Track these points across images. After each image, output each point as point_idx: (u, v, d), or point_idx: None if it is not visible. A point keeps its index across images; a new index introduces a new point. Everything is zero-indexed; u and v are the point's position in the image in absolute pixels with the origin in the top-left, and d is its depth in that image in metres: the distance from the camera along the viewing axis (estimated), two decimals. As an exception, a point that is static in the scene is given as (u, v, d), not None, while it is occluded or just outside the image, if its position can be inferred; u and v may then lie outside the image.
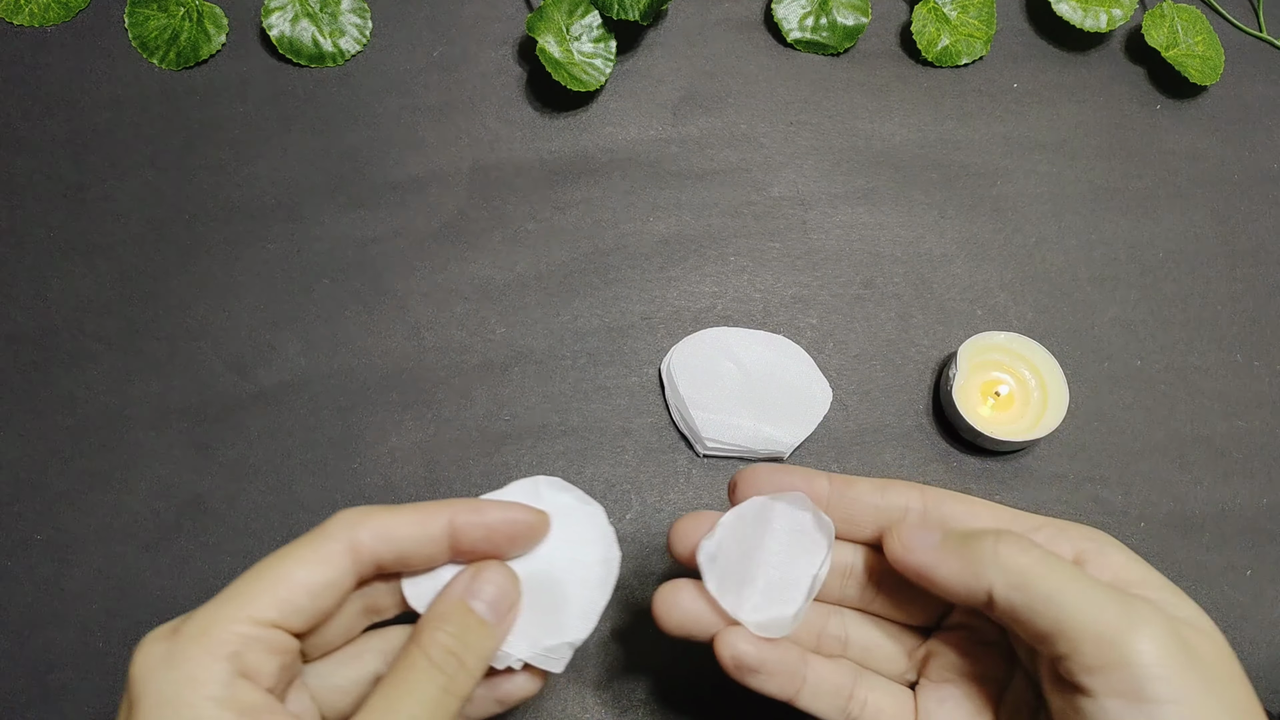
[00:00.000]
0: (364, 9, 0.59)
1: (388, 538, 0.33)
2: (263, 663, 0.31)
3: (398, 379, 0.52)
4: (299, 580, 0.32)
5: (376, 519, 0.34)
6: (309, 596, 0.32)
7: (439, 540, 0.34)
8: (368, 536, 0.33)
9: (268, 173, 0.56)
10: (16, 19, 0.58)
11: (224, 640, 0.30)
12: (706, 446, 0.50)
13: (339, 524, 0.33)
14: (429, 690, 0.32)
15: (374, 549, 0.33)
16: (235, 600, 0.31)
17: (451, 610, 0.33)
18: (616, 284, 0.54)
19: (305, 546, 0.33)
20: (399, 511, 0.34)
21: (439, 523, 0.34)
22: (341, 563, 0.33)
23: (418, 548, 0.34)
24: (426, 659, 0.32)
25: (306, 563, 0.32)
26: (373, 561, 0.33)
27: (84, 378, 0.51)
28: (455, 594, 0.34)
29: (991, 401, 0.51)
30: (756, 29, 0.61)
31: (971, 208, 0.57)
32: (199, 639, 0.30)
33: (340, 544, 0.33)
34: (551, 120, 0.58)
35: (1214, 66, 0.60)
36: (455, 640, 0.33)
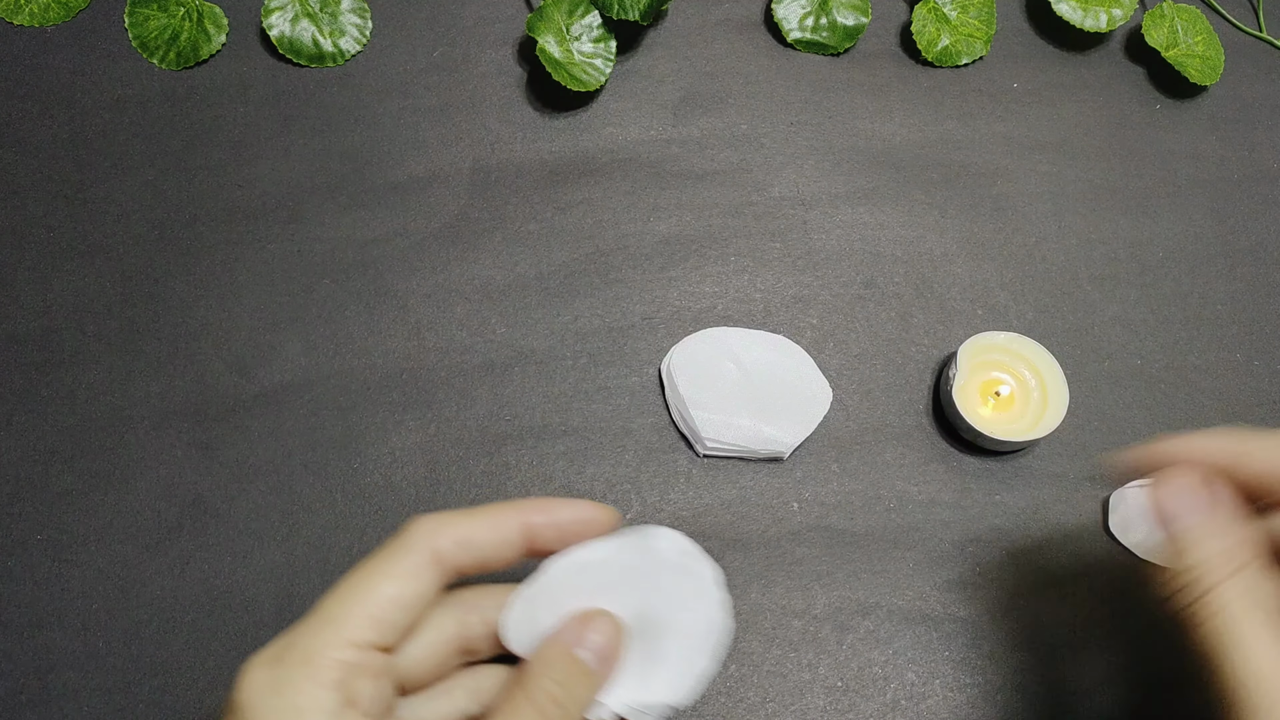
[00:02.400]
0: (364, 9, 0.59)
1: (467, 544, 0.34)
2: (364, 689, 0.31)
3: (398, 379, 0.52)
4: (389, 596, 0.32)
5: (454, 526, 0.34)
6: (401, 611, 0.32)
7: (514, 543, 0.35)
8: (448, 544, 0.33)
9: (268, 173, 0.56)
10: (16, 19, 0.58)
11: (328, 667, 0.30)
12: (706, 446, 0.50)
13: (418, 534, 0.33)
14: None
15: (455, 556, 0.33)
16: (332, 623, 0.31)
17: (558, 657, 0.34)
18: (617, 284, 0.54)
19: (389, 560, 0.33)
20: (473, 516, 0.34)
21: (513, 525, 0.35)
22: (426, 573, 0.33)
23: (495, 551, 0.34)
24: (531, 704, 0.32)
25: (393, 577, 0.32)
26: (454, 568, 0.34)
27: (84, 378, 0.51)
28: (563, 641, 0.34)
29: (991, 401, 0.51)
30: (756, 29, 0.61)
31: (972, 207, 0.57)
32: (304, 667, 0.30)
33: (423, 555, 0.33)
34: (552, 120, 0.58)
35: (1214, 66, 0.60)
36: (560, 688, 0.33)
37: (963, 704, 0.47)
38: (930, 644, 0.48)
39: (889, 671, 0.47)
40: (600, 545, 0.36)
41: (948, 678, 0.47)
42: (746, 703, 0.47)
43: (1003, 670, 0.48)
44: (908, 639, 0.48)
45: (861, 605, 0.48)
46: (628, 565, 0.36)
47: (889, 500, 0.51)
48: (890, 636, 0.48)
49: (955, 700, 0.47)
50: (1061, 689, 0.47)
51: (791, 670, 0.47)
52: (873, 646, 0.48)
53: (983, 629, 0.48)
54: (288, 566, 0.48)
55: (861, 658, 0.48)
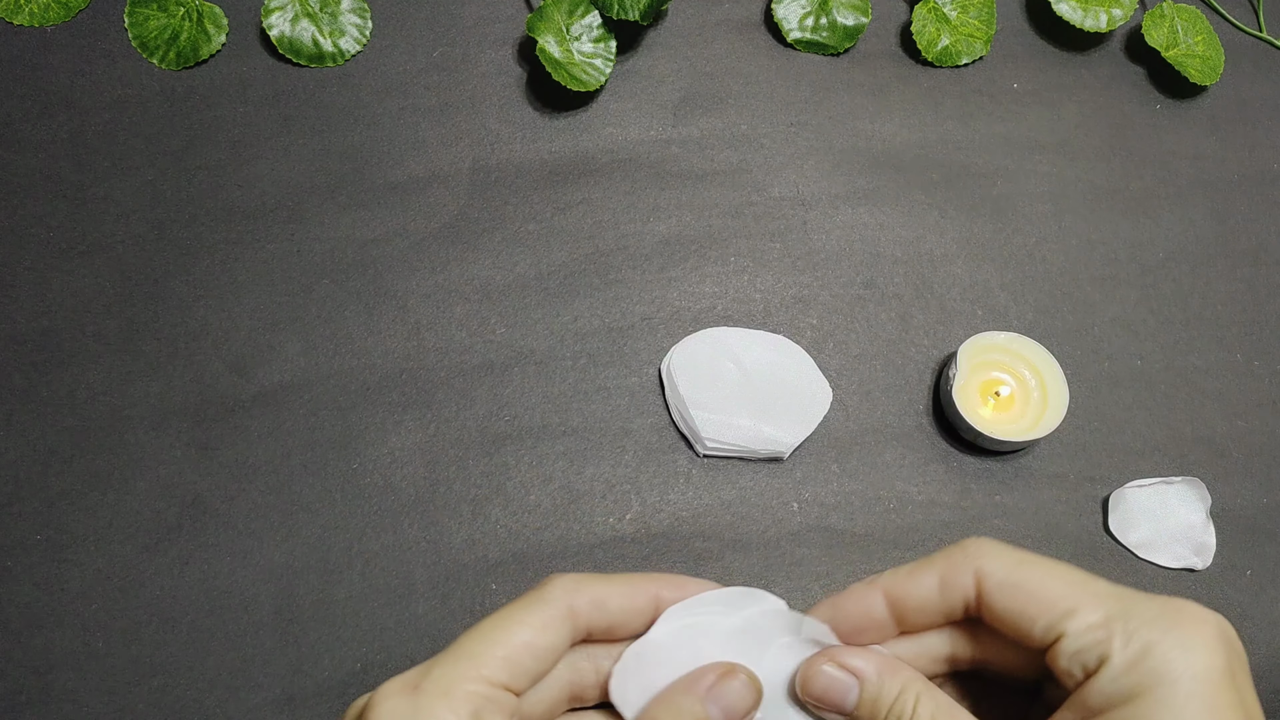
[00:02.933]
0: (364, 9, 0.59)
1: (601, 606, 0.34)
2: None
3: (398, 379, 0.52)
4: (524, 642, 0.32)
5: (592, 587, 0.34)
6: (533, 659, 0.33)
7: (645, 612, 0.35)
8: (584, 603, 0.34)
9: (268, 173, 0.56)
10: (16, 19, 0.58)
11: (465, 699, 0.31)
12: (706, 446, 0.50)
13: (558, 589, 0.34)
14: None
15: (589, 615, 0.34)
16: (470, 659, 0.32)
17: (688, 706, 0.33)
18: (617, 284, 0.54)
19: (527, 610, 0.33)
20: (611, 581, 0.35)
21: (647, 595, 0.35)
22: (561, 627, 0.33)
23: (625, 618, 0.35)
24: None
25: (530, 626, 0.33)
26: (586, 628, 0.34)
27: (84, 378, 0.51)
28: (697, 691, 0.33)
29: (991, 401, 0.51)
30: (756, 29, 0.61)
31: (971, 208, 0.57)
32: (443, 698, 0.31)
33: (559, 609, 0.33)
34: (551, 120, 0.58)
35: (1214, 66, 0.60)
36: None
37: (962, 704, 0.47)
38: (930, 644, 0.48)
39: (889, 672, 0.47)
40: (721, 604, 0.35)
41: (947, 678, 0.47)
42: (746, 703, 0.47)
43: (1002, 670, 0.48)
44: (907, 639, 0.48)
45: (861, 605, 0.48)
46: (750, 629, 0.35)
47: (889, 500, 0.51)
48: (890, 637, 0.48)
49: (955, 700, 0.47)
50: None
51: (791, 670, 0.47)
52: (872, 647, 0.48)
53: (982, 629, 0.48)
54: (287, 566, 0.48)
55: (861, 658, 0.48)
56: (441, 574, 0.48)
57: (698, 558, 0.49)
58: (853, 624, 0.35)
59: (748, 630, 0.35)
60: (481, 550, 0.48)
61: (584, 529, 0.49)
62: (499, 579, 0.48)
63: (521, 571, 0.48)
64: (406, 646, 0.46)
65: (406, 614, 0.47)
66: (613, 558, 0.49)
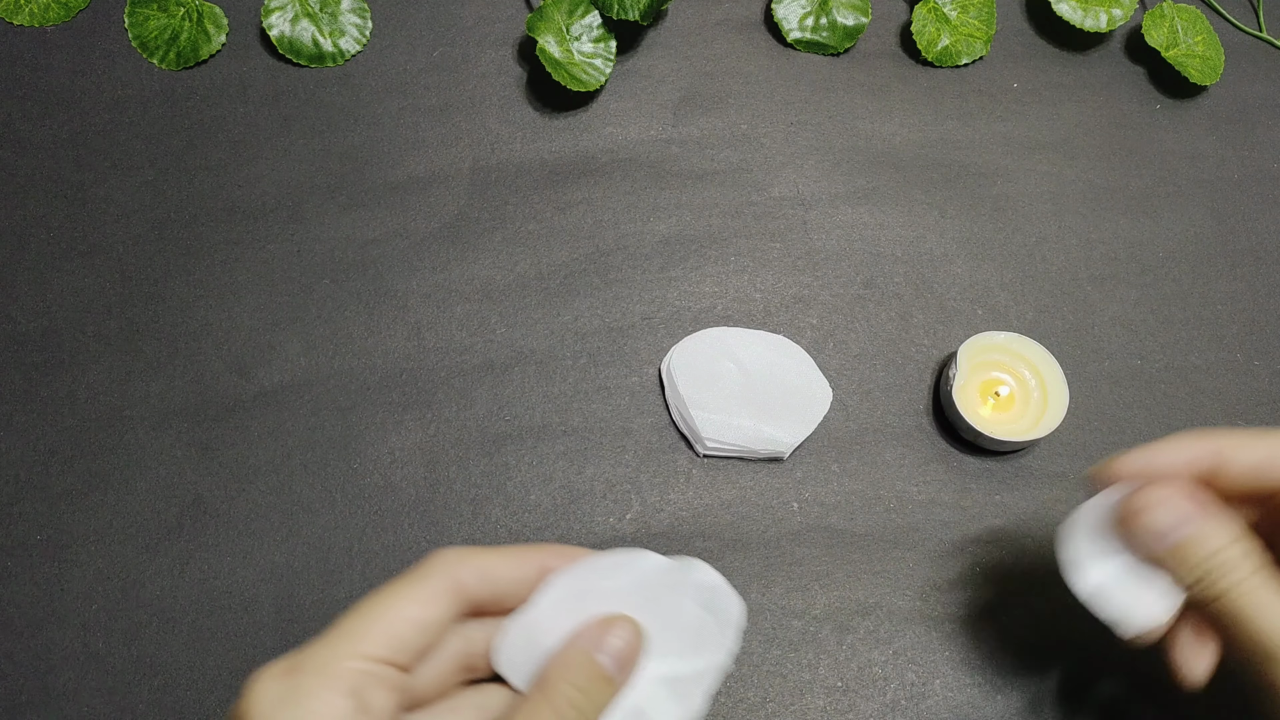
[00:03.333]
0: (364, 9, 0.59)
1: (487, 577, 0.34)
2: (378, 698, 0.31)
3: (398, 379, 0.52)
4: (406, 617, 0.32)
5: (477, 559, 0.34)
6: (416, 633, 0.32)
7: (532, 582, 0.35)
8: (469, 576, 0.34)
9: (268, 173, 0.56)
10: (16, 19, 0.58)
11: (343, 675, 0.31)
12: (706, 446, 0.50)
13: (441, 562, 0.34)
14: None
15: (475, 588, 0.34)
16: (348, 637, 0.32)
17: (577, 661, 0.34)
18: (617, 284, 0.54)
19: (410, 584, 0.33)
20: (496, 553, 0.35)
21: (533, 565, 0.35)
22: (445, 600, 0.33)
23: (513, 588, 0.35)
24: (551, 709, 0.32)
25: (413, 600, 0.33)
26: (470, 600, 0.34)
27: (84, 378, 0.51)
28: (582, 645, 0.34)
29: (991, 401, 0.51)
30: (756, 29, 0.61)
31: (971, 208, 0.57)
32: (319, 675, 0.31)
33: (443, 582, 0.33)
34: (551, 120, 0.58)
35: (1214, 66, 0.60)
36: (580, 694, 0.33)
37: (963, 704, 0.47)
38: (930, 644, 0.48)
39: (889, 671, 0.47)
40: (601, 569, 0.35)
41: (948, 678, 0.47)
42: (747, 703, 0.47)
43: (1003, 670, 0.48)
44: (908, 639, 0.48)
45: (861, 605, 0.48)
46: (634, 589, 0.35)
47: (889, 500, 0.51)
48: (890, 636, 0.48)
49: (955, 700, 0.47)
50: (1061, 689, 0.47)
51: (791, 670, 0.47)
52: (873, 646, 0.48)
53: (983, 629, 0.48)
54: (287, 567, 0.48)
55: (861, 658, 0.48)
56: (442, 574, 0.48)
57: (698, 557, 0.49)
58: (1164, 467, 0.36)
59: (633, 588, 0.35)
60: (482, 550, 0.48)
61: (584, 529, 0.49)
62: (499, 579, 0.48)
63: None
64: (407, 646, 0.46)
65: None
66: (613, 558, 0.49)
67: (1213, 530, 0.35)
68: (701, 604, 0.36)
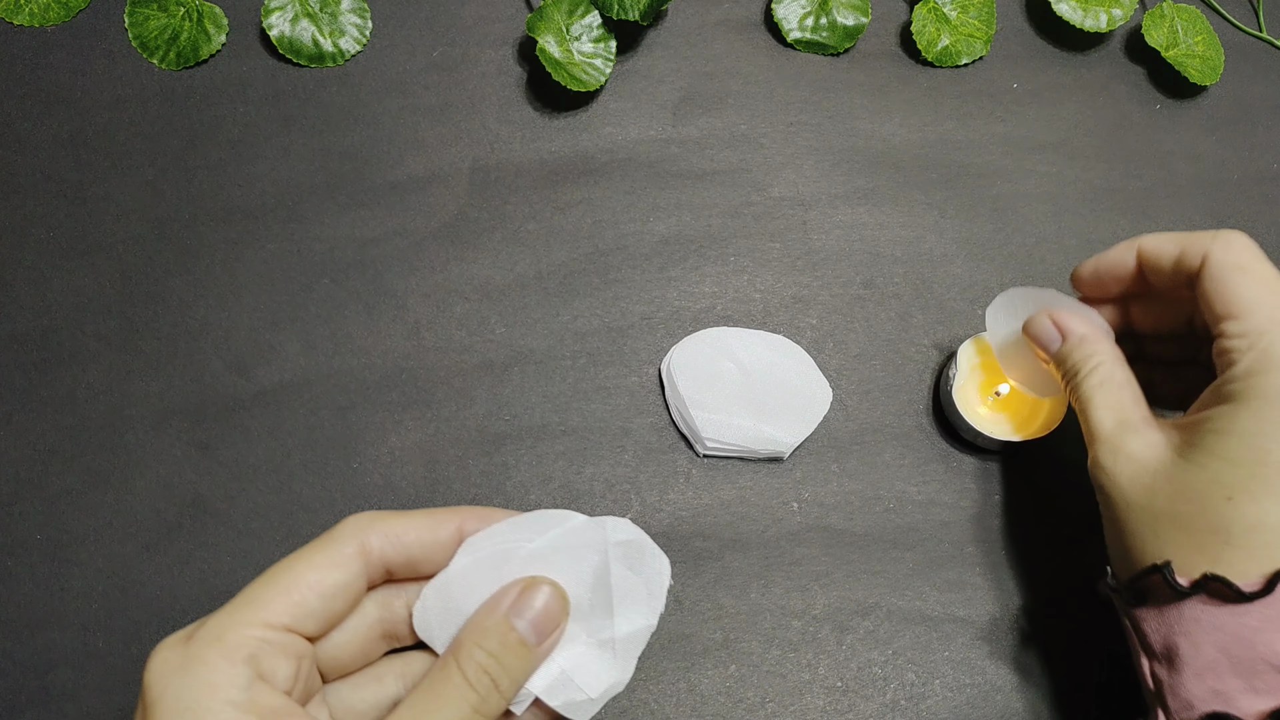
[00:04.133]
0: (364, 9, 0.59)
1: (398, 541, 0.33)
2: (279, 666, 0.31)
3: (398, 379, 0.52)
4: (311, 583, 0.32)
5: (387, 523, 0.34)
6: (321, 599, 0.32)
7: (448, 545, 0.34)
8: (378, 540, 0.33)
9: (268, 173, 0.56)
10: (16, 19, 0.58)
11: (240, 644, 0.30)
12: (706, 446, 0.50)
13: (349, 528, 0.33)
14: (460, 707, 0.31)
15: (384, 552, 0.33)
16: (249, 605, 0.31)
17: (493, 627, 0.33)
18: (616, 284, 0.54)
19: (316, 550, 0.33)
20: (409, 516, 0.34)
21: (448, 528, 0.34)
22: (352, 566, 0.33)
23: (426, 552, 0.34)
24: (461, 675, 0.32)
25: (318, 566, 0.32)
26: (382, 565, 0.33)
27: (84, 378, 0.51)
28: (500, 609, 0.33)
29: (991, 401, 0.51)
30: (756, 29, 0.61)
31: (971, 208, 0.57)
32: (215, 644, 0.30)
33: (351, 547, 0.33)
34: (551, 120, 0.58)
35: (1214, 66, 0.60)
36: (492, 661, 0.32)
37: (963, 704, 0.47)
38: (930, 644, 0.48)
39: (889, 671, 0.47)
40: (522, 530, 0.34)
41: (948, 678, 0.47)
42: (746, 703, 0.47)
43: (1003, 670, 0.48)
44: (908, 639, 0.48)
45: (861, 605, 0.48)
46: (556, 550, 0.34)
47: (889, 500, 0.51)
48: (890, 636, 0.48)
49: (955, 700, 0.47)
50: (1062, 689, 0.47)
51: (791, 670, 0.47)
52: (872, 646, 0.48)
53: (983, 629, 0.48)
54: (287, 566, 0.48)
55: (861, 658, 0.48)
56: (441, 574, 0.48)
57: (697, 557, 0.49)
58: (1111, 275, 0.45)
59: (553, 549, 0.34)
60: (481, 550, 0.48)
61: (584, 529, 0.49)
62: (499, 579, 0.48)
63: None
64: (406, 646, 0.46)
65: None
66: (612, 557, 0.49)
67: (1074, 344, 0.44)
68: (627, 564, 0.35)
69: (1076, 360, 0.43)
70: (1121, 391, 0.42)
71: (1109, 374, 0.42)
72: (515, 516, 0.35)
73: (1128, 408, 0.42)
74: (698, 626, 0.48)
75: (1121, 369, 0.43)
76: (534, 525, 0.35)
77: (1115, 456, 0.40)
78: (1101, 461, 0.41)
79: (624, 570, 0.35)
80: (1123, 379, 0.42)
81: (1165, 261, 0.42)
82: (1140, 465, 0.39)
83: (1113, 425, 0.41)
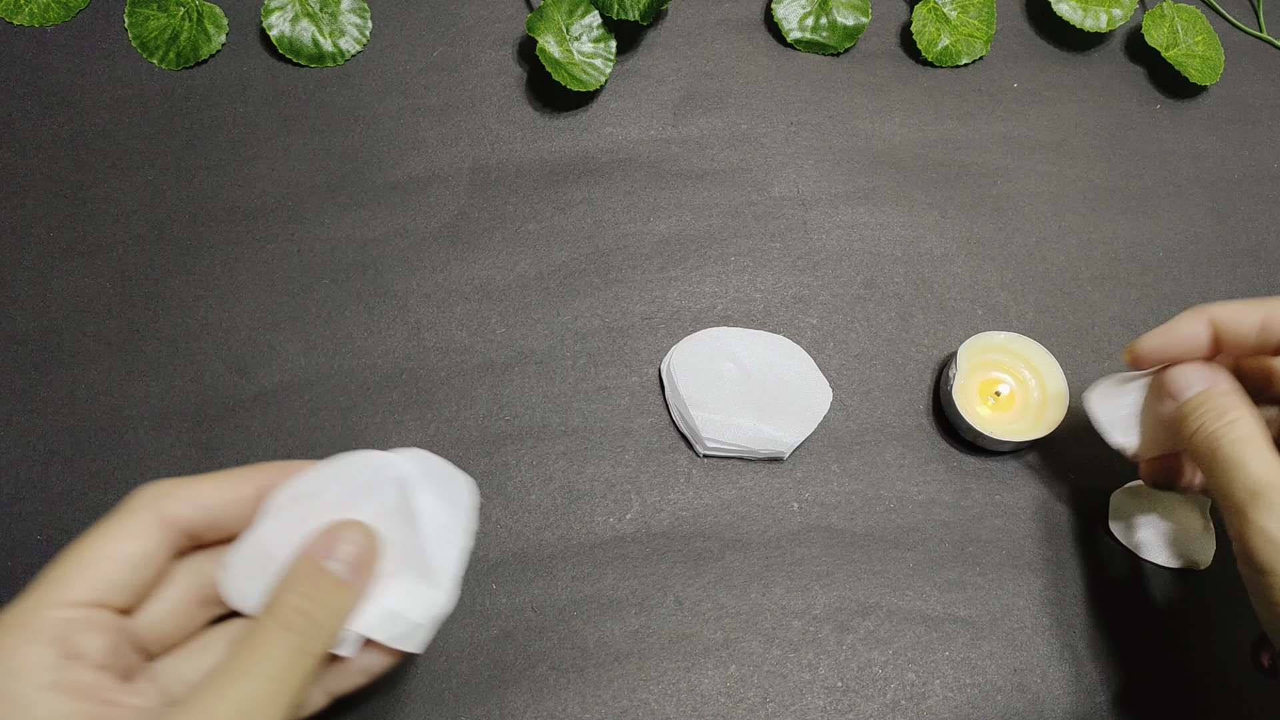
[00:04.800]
0: (364, 9, 0.59)
1: (196, 504, 0.33)
2: (89, 642, 0.30)
3: (398, 379, 0.52)
4: (110, 556, 0.32)
5: (183, 487, 0.33)
6: (124, 570, 0.32)
7: (249, 504, 0.34)
8: (174, 505, 0.33)
9: (268, 173, 0.56)
10: (16, 19, 0.58)
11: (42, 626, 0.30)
12: (706, 446, 0.50)
13: (143, 496, 0.33)
14: (280, 650, 0.31)
15: (182, 516, 0.33)
16: (49, 586, 0.31)
17: (304, 572, 0.33)
18: (617, 284, 0.54)
19: (113, 523, 0.32)
20: (206, 478, 0.34)
21: (249, 486, 0.34)
22: (151, 534, 0.32)
23: (228, 511, 0.34)
24: (276, 621, 0.32)
25: (116, 539, 0.32)
26: (183, 530, 0.33)
27: (84, 378, 0.51)
28: (310, 554, 0.33)
29: (991, 401, 0.51)
30: (756, 29, 0.61)
31: (971, 208, 0.57)
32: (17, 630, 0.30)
33: (147, 515, 0.32)
34: (551, 120, 0.58)
35: (1214, 66, 0.60)
36: (307, 600, 0.32)
37: (963, 704, 0.47)
38: (930, 644, 0.48)
39: (889, 671, 0.47)
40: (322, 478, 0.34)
41: (948, 678, 0.47)
42: (746, 703, 0.47)
43: (1003, 670, 0.48)
44: (908, 639, 0.48)
45: (861, 605, 0.48)
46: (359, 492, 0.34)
47: (889, 500, 0.51)
48: (890, 636, 0.48)
49: (955, 700, 0.47)
50: (1062, 689, 0.47)
51: (791, 670, 0.47)
52: (873, 646, 0.48)
53: (983, 629, 0.48)
54: (287, 566, 0.48)
55: (861, 658, 0.48)
56: (442, 574, 0.48)
57: (698, 557, 0.49)
58: (1179, 348, 0.41)
59: (354, 492, 0.34)
60: (481, 550, 0.48)
61: (584, 529, 0.49)
62: (499, 579, 0.48)
63: (522, 571, 0.48)
64: (407, 646, 0.46)
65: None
66: (613, 557, 0.49)
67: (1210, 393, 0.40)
68: (433, 492, 0.35)
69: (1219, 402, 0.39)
70: (1270, 448, 0.38)
71: (1256, 427, 0.38)
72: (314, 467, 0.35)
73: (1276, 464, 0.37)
74: (698, 626, 0.48)
75: (1264, 426, 0.39)
76: (333, 472, 0.35)
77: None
78: (1264, 524, 0.36)
79: (429, 498, 0.35)
80: (1264, 432, 0.39)
81: (1248, 330, 0.40)
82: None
83: (1269, 481, 0.36)
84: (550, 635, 0.47)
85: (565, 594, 0.48)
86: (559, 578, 0.48)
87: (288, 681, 0.31)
